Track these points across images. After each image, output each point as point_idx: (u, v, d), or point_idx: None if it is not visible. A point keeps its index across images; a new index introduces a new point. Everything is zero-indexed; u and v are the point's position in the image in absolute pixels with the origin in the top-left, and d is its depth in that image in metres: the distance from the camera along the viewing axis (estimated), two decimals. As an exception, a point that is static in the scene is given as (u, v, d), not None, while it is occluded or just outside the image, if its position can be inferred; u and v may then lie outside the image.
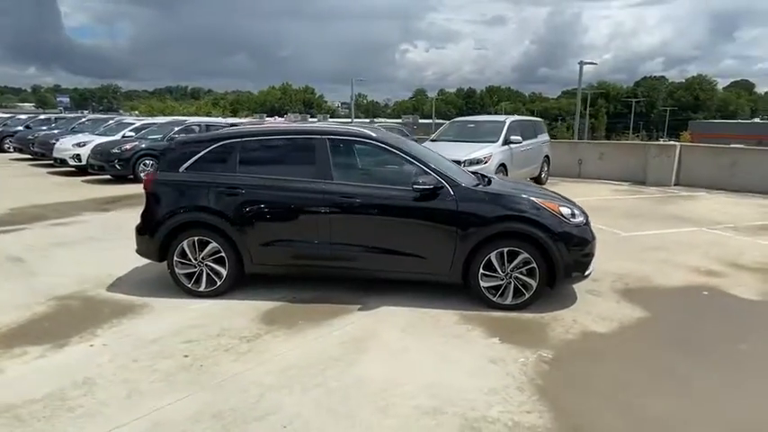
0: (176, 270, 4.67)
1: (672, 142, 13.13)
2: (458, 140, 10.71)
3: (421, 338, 3.89)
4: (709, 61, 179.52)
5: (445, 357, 3.60)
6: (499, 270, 4.35)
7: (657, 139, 67.38)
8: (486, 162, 9.60)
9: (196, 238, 4.61)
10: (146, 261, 5.63)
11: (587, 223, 4.55)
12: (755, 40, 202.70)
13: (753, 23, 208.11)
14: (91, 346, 3.74)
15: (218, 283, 4.65)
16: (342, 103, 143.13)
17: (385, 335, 3.94)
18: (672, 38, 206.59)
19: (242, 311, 4.37)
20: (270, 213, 4.54)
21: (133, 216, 8.58)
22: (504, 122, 10.91)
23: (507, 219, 4.30)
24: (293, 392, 3.12)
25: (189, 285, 4.68)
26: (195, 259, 4.63)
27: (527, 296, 4.38)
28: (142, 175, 12.76)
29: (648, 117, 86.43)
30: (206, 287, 4.66)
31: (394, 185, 4.55)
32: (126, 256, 5.82)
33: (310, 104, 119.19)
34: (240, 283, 4.76)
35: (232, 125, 16.07)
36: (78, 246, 6.59)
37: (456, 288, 4.66)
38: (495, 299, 4.41)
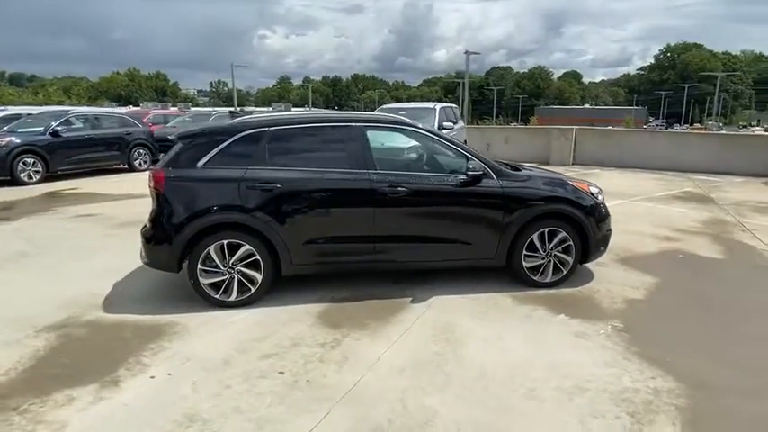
0: (201, 280, 4.09)
1: (569, 126, 14.63)
2: (391, 128, 10.77)
3: (499, 324, 3.92)
4: (543, 54, 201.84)
5: (536, 339, 3.68)
6: (540, 250, 4.55)
7: (509, 124, 74.27)
8: (427, 148, 9.81)
9: (225, 242, 4.07)
10: (125, 273, 4.95)
11: (604, 200, 4.94)
12: (579, 36, 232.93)
13: (576, 21, 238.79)
14: (152, 377, 3.15)
15: (252, 291, 4.18)
16: (198, 91, 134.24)
17: (463, 324, 3.90)
18: (512, 32, 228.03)
19: (293, 318, 4.00)
20: (312, 208, 4.19)
21: (49, 225, 7.31)
22: (434, 109, 11.22)
23: (550, 200, 4.50)
24: (430, 393, 2.97)
25: (217, 296, 4.14)
26: (224, 266, 4.10)
27: (564, 272, 4.64)
28: (22, 175, 10.79)
29: (500, 104, 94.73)
30: (237, 296, 4.17)
31: (436, 172, 4.49)
32: (86, 270, 5.15)
33: (163, 92, 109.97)
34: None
35: (123, 115, 14.32)
36: (11, 264, 5.41)
37: (483, 270, 4.77)
38: (536, 278, 4.60)
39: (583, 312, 4.13)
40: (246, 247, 4.10)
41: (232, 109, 17.49)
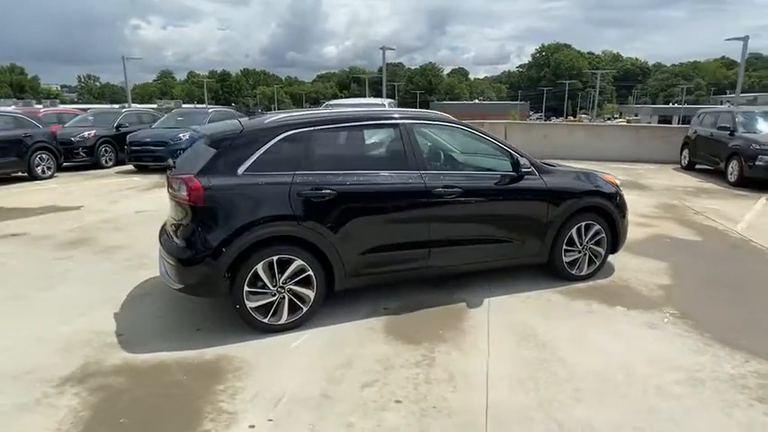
0: (248, 304, 3.56)
1: (501, 121, 15.24)
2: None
3: (568, 322, 3.88)
4: (430, 51, 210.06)
5: (616, 334, 3.68)
6: (578, 243, 4.60)
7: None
8: (385, 145, 9.63)
9: (275, 258, 3.57)
10: (116, 303, 4.28)
11: (621, 192, 5.11)
12: (461, 35, 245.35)
13: (459, 21, 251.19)
14: (251, 427, 2.64)
15: (304, 310, 3.73)
16: (62, 86, 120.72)
17: (535, 325, 3.80)
18: (400, 29, 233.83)
19: (360, 336, 3.63)
20: (367, 214, 3.82)
21: None
22: (384, 104, 11.07)
23: (588, 194, 4.56)
24: (569, 405, 2.81)
25: (265, 320, 3.63)
26: (274, 285, 3.61)
27: (597, 264, 4.75)
28: None
29: (394, 99, 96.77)
30: (288, 318, 3.69)
31: (482, 170, 4.36)
32: (62, 303, 4.30)
33: (21, 87, 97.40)
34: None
35: (19, 114, 12.28)
36: (-46, 302, 4.33)
37: (512, 268, 4.69)
38: (573, 271, 4.64)
39: (633, 302, 4.23)
40: (298, 263, 3.64)
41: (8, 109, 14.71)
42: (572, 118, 77.73)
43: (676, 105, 66.69)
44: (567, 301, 4.26)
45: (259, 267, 3.54)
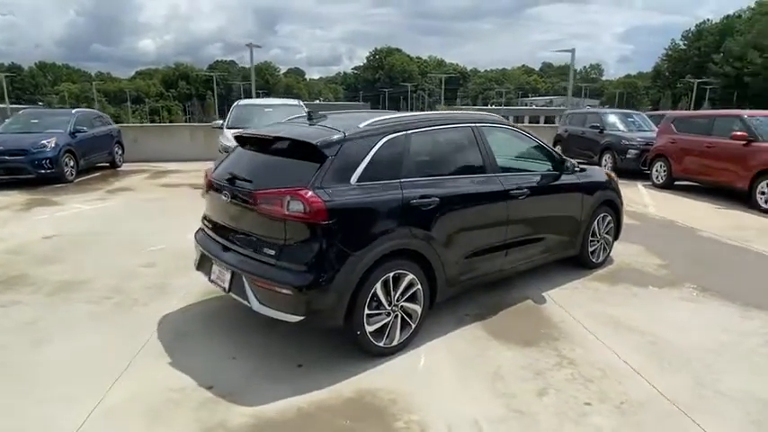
0: (367, 328, 3.20)
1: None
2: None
3: (633, 306, 4.23)
4: (262, 50, 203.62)
5: (679, 310, 4.15)
6: (598, 234, 5.04)
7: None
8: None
9: (392, 274, 3.26)
10: (154, 348, 3.60)
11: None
12: (293, 35, 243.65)
13: (289, 20, 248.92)
14: (484, 461, 2.41)
15: (413, 327, 3.48)
16: None
17: (612, 312, 4.07)
18: (227, 26, 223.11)
19: (475, 346, 3.52)
20: (465, 221, 3.69)
21: None
22: (299, 105, 10.63)
23: (604, 187, 5.01)
24: (723, 380, 3.11)
25: (381, 344, 3.30)
26: (390, 303, 3.30)
27: (608, 251, 5.26)
28: None
29: (229, 98, 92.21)
30: (399, 338, 3.41)
31: (532, 170, 4.51)
32: (73, 363, 3.33)
33: None
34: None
35: None
36: None
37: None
38: (594, 260, 5.08)
39: (656, 282, 4.79)
40: (410, 277, 3.38)
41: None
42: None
43: (494, 107, 75.49)
44: (609, 288, 4.64)
45: (377, 286, 3.20)
